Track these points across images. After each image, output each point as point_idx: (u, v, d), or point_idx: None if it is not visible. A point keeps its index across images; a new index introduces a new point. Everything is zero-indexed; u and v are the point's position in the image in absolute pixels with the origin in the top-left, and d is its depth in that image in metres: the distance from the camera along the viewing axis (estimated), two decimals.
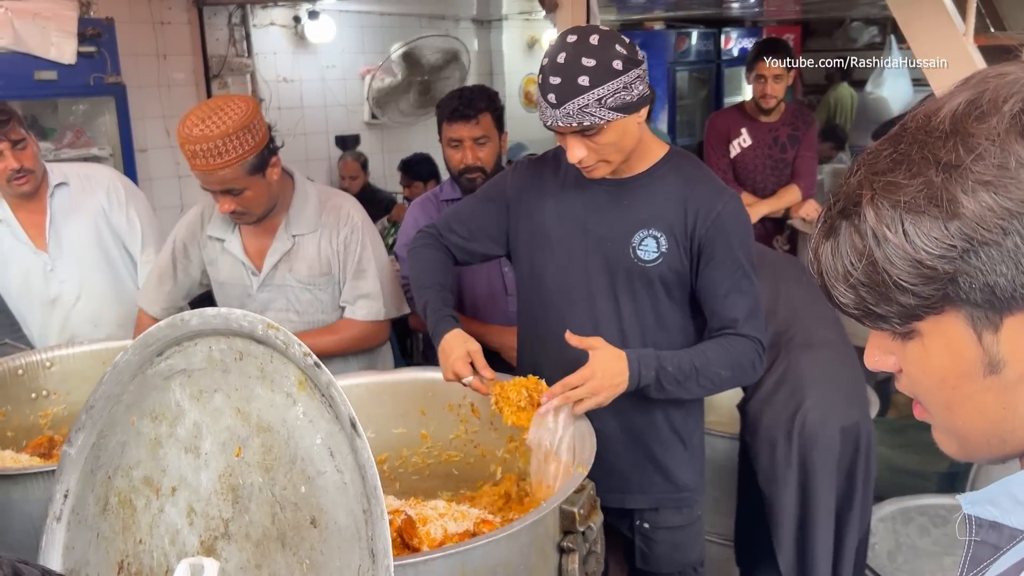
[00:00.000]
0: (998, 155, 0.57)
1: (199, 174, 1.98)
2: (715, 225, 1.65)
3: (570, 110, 1.55)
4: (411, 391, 1.88)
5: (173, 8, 4.74)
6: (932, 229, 0.59)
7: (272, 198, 2.11)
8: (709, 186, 1.70)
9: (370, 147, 6.26)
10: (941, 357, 0.64)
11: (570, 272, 1.77)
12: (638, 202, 1.70)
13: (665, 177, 1.71)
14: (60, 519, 1.29)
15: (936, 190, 0.59)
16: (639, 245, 1.69)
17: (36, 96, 3.90)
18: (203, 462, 1.20)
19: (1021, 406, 0.62)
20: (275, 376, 1.12)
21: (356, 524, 1.04)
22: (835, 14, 7.57)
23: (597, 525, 1.39)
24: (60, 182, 2.53)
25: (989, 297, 0.59)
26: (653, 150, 1.73)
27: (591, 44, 1.55)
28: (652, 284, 1.71)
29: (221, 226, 2.21)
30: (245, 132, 1.95)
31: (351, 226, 2.17)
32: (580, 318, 1.75)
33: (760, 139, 3.68)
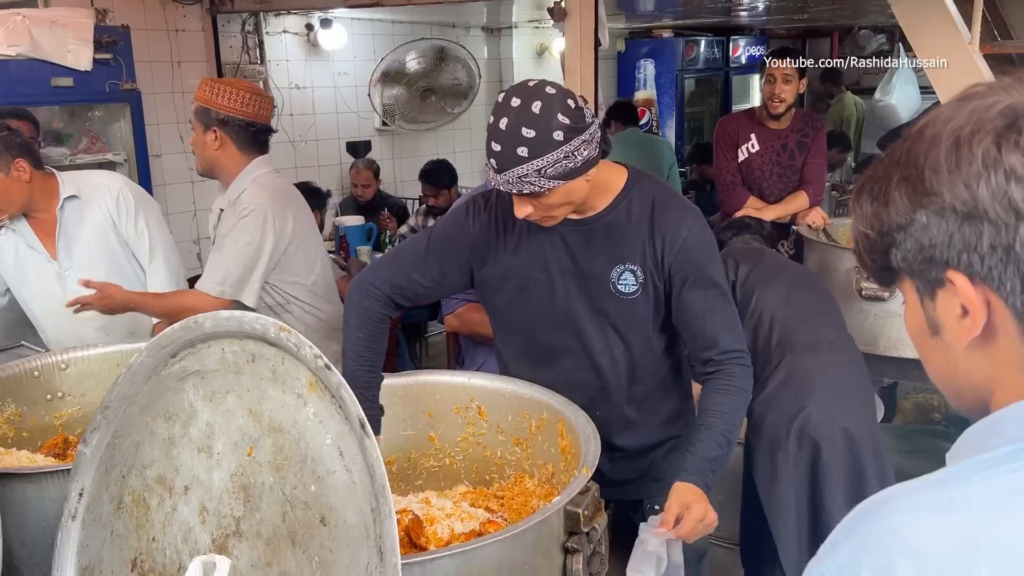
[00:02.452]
0: (919, 159, 0.71)
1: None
2: (683, 251, 1.68)
3: (510, 178, 1.55)
4: (419, 394, 1.91)
5: (188, 16, 4.80)
6: (874, 211, 0.75)
7: (207, 162, 2.47)
8: (673, 211, 1.71)
9: (381, 153, 6.30)
10: (909, 316, 0.79)
11: (553, 310, 1.77)
12: (610, 238, 1.72)
13: (631, 206, 1.72)
14: (75, 517, 1.32)
15: (883, 182, 0.74)
16: (618, 280, 1.72)
17: (53, 102, 3.96)
18: (215, 462, 1.22)
19: (960, 364, 0.74)
20: (286, 378, 1.15)
21: (364, 523, 1.07)
22: (843, 22, 7.57)
23: (601, 526, 1.41)
24: (71, 195, 2.55)
25: (912, 269, 0.73)
26: (612, 183, 1.72)
27: (532, 112, 1.52)
28: (636, 314, 1.74)
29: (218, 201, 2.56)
30: (216, 85, 2.39)
31: (236, 210, 2.41)
32: (573, 351, 1.80)
33: (768, 145, 3.66)
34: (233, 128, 2.38)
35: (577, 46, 3.43)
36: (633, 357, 1.79)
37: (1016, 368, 0.70)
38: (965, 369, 0.74)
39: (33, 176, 2.50)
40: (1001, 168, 0.66)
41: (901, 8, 2.94)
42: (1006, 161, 0.66)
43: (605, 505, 1.47)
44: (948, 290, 0.71)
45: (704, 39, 7.88)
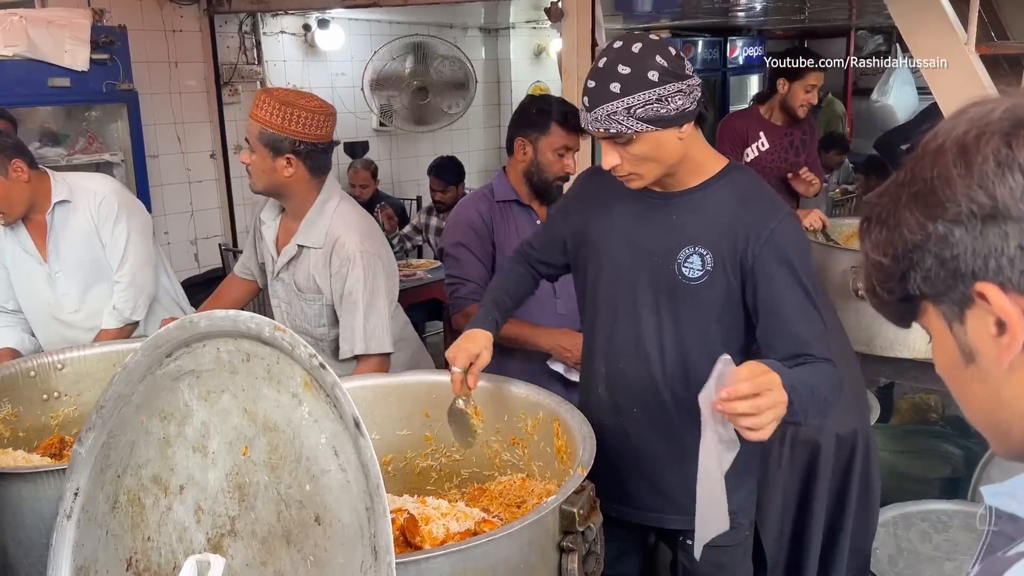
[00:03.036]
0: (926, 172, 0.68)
1: (250, 116, 2.21)
2: (768, 244, 1.57)
3: (599, 115, 1.54)
4: (416, 393, 1.91)
5: (185, 16, 4.80)
6: (885, 236, 0.71)
7: (275, 187, 2.24)
8: (763, 204, 1.62)
9: (379, 154, 6.31)
10: (938, 351, 0.72)
11: (617, 285, 1.74)
12: (686, 217, 1.65)
13: (718, 193, 1.64)
14: (70, 517, 1.32)
15: (890, 206, 0.71)
16: (684, 262, 1.63)
17: (50, 102, 3.96)
18: (211, 461, 1.22)
19: (1005, 393, 0.67)
20: (281, 377, 1.15)
21: (359, 522, 1.07)
22: (840, 23, 7.59)
23: (597, 525, 1.41)
24: (62, 199, 2.54)
25: (936, 291, 0.68)
26: (707, 164, 1.66)
27: (631, 52, 1.53)
28: (697, 303, 1.64)
29: (268, 212, 2.40)
30: (286, 108, 2.14)
31: (343, 258, 2.19)
32: (624, 332, 1.74)
33: (777, 143, 3.73)
34: (307, 153, 2.19)
35: (574, 46, 3.44)
36: (684, 351, 1.68)
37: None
38: (1010, 397, 0.67)
39: (31, 176, 2.49)
40: (1017, 164, 0.63)
41: (898, 8, 2.95)
42: (1020, 157, 0.63)
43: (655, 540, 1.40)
44: (979, 307, 0.66)
45: (701, 40, 7.88)
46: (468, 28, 6.84)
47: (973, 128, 0.66)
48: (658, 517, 1.81)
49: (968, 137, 0.65)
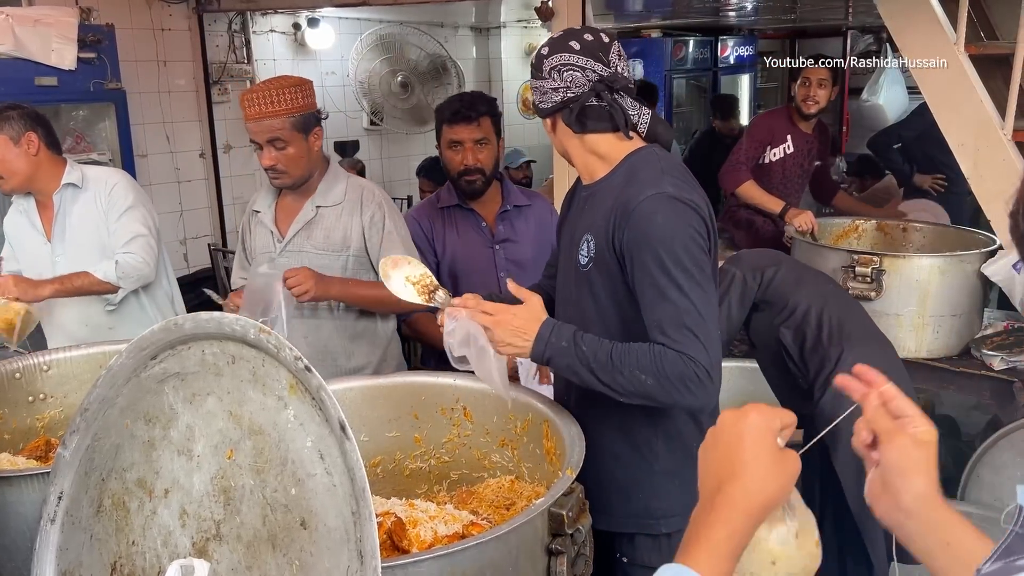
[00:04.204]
0: None
1: (251, 125, 2.19)
2: (630, 226, 1.52)
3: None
4: (405, 395, 1.90)
5: (174, 15, 4.77)
6: None
7: (311, 166, 2.29)
8: (639, 185, 1.55)
9: (369, 153, 6.29)
10: None
11: (559, 277, 1.83)
12: (588, 207, 1.69)
13: (613, 180, 1.64)
14: (54, 521, 1.31)
15: None
16: (579, 249, 1.67)
17: (37, 101, 3.89)
18: (196, 464, 1.21)
19: None
20: (267, 379, 1.14)
21: (345, 526, 1.06)
22: (831, 22, 7.60)
23: (586, 527, 1.40)
24: (71, 183, 2.59)
25: None
26: (613, 155, 1.65)
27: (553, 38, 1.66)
28: (591, 286, 1.65)
29: (263, 201, 2.41)
30: (296, 89, 2.20)
31: (375, 203, 2.32)
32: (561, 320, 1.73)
33: (799, 148, 3.81)
34: (320, 120, 2.32)
35: None
36: (602, 335, 1.63)
37: None
38: None
39: (41, 152, 2.54)
40: None
41: (888, 9, 2.95)
42: None
43: None
44: None
45: (692, 39, 7.89)
46: (459, 27, 6.83)
47: None
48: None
49: None
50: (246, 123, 2.21)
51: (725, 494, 0.85)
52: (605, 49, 1.63)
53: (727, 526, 0.83)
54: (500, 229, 2.59)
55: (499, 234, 2.59)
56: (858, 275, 2.95)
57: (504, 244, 2.58)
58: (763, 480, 0.86)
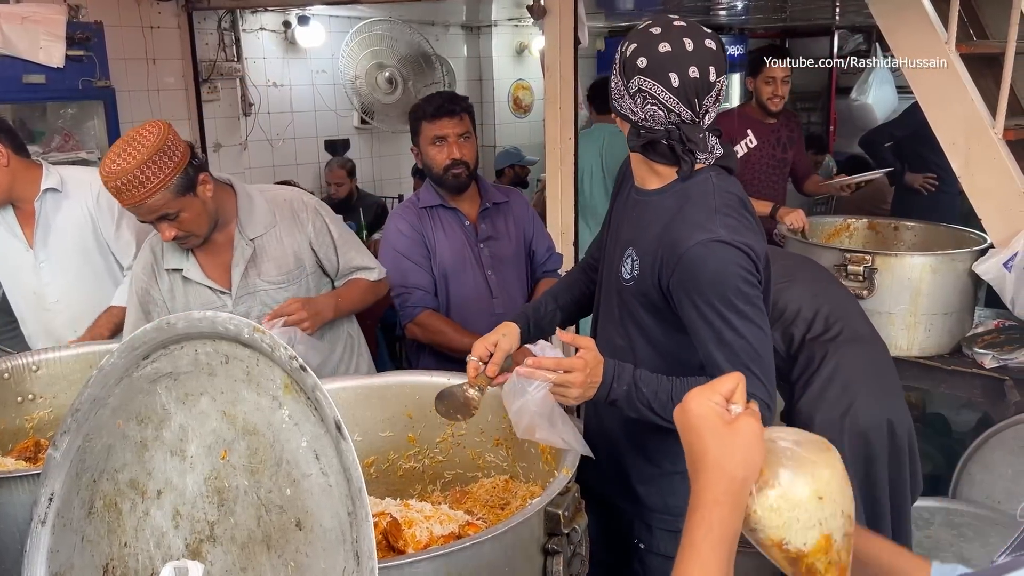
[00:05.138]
0: None
1: (131, 209, 2.00)
2: (679, 270, 1.51)
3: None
4: (398, 395, 1.89)
5: (163, 13, 4.74)
6: None
7: (211, 215, 2.09)
8: (690, 226, 1.52)
9: (360, 152, 6.27)
10: None
11: (601, 275, 1.79)
12: (634, 219, 1.65)
13: (665, 200, 1.60)
14: (45, 522, 1.29)
15: None
16: (622, 262, 1.64)
17: (24, 100, 3.89)
18: (189, 465, 1.20)
19: None
20: (261, 379, 1.13)
21: (341, 526, 1.05)
22: (822, 22, 7.63)
23: (582, 527, 1.40)
24: (51, 187, 2.52)
25: None
26: (668, 176, 1.61)
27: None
28: (629, 303, 1.65)
29: (175, 256, 2.17)
30: (161, 156, 1.95)
31: (311, 213, 2.21)
32: (599, 322, 1.78)
33: (765, 140, 3.84)
34: (201, 164, 2.11)
35: (557, 44, 3.42)
36: (633, 346, 1.66)
37: None
38: None
39: (12, 161, 2.47)
40: None
41: (879, 8, 2.96)
42: None
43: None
44: None
45: None
46: (450, 25, 6.82)
47: None
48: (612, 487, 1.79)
49: None
50: (123, 207, 2.03)
51: (695, 494, 0.87)
52: (704, 91, 1.51)
53: (702, 525, 0.85)
54: (483, 227, 2.59)
55: (482, 232, 2.59)
56: (850, 274, 2.96)
57: (488, 242, 2.58)
58: (720, 465, 0.87)
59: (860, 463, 2.09)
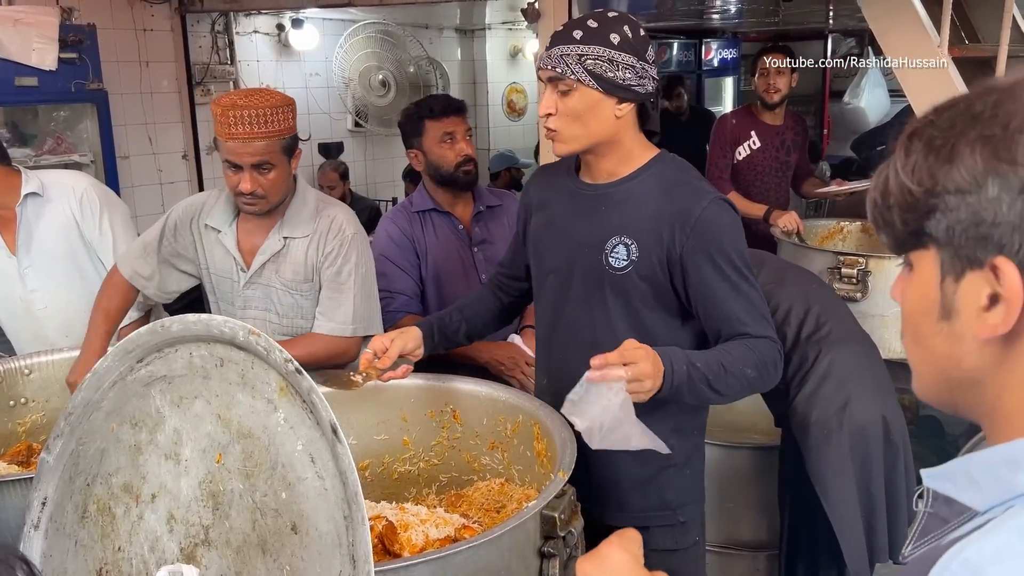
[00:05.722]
0: (1012, 120, 0.61)
1: (235, 144, 1.99)
2: (694, 233, 1.57)
3: (552, 54, 1.59)
4: (393, 398, 1.88)
5: (156, 15, 4.73)
6: (929, 166, 0.64)
7: (287, 189, 2.13)
8: (688, 192, 1.62)
9: (354, 155, 6.26)
10: (916, 291, 0.69)
11: (555, 278, 1.75)
12: (614, 208, 1.67)
13: (645, 183, 1.65)
14: (38, 527, 1.28)
15: (949, 135, 0.64)
16: (611, 252, 1.65)
17: (17, 102, 3.88)
18: (183, 468, 1.20)
19: (965, 359, 0.66)
20: (256, 382, 1.13)
21: (337, 530, 1.04)
22: (814, 25, 7.66)
23: (578, 530, 1.40)
24: (32, 191, 2.49)
25: (952, 242, 0.64)
26: (637, 156, 1.68)
27: (606, 14, 1.60)
28: (625, 292, 1.66)
29: (221, 217, 2.20)
30: (287, 110, 2.04)
31: (340, 239, 2.15)
32: (563, 324, 1.74)
33: (769, 141, 3.80)
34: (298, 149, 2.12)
35: None
36: (618, 340, 1.59)
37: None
38: (971, 367, 0.66)
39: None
40: None
41: (872, 12, 2.97)
42: None
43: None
44: (981, 276, 0.62)
45: (677, 42, 7.92)
46: (444, 29, 6.82)
47: None
48: (597, 511, 1.73)
49: None
50: (225, 141, 2.00)
51: None
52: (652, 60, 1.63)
53: None
54: (476, 231, 2.58)
55: (476, 236, 2.58)
56: (844, 276, 2.97)
57: (482, 245, 2.58)
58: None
59: (858, 459, 2.10)
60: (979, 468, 0.64)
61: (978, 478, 0.64)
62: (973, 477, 0.65)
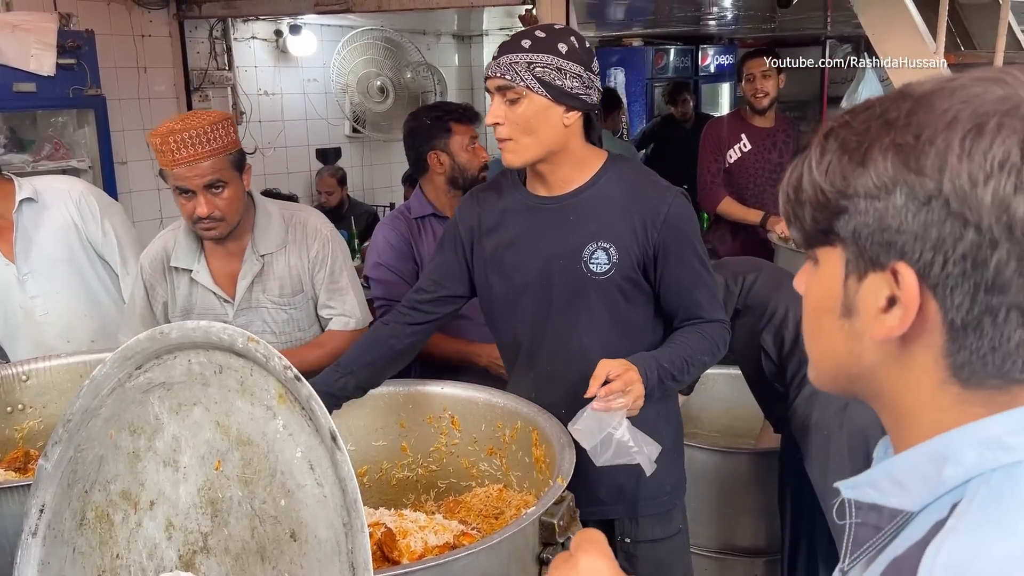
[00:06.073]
0: (924, 131, 0.61)
1: (182, 169, 1.94)
2: (665, 227, 1.67)
3: (501, 62, 1.62)
4: (390, 403, 1.88)
5: (154, 21, 4.74)
6: (842, 168, 0.65)
7: (243, 209, 2.08)
8: (652, 190, 1.70)
9: (351, 160, 6.27)
10: (819, 286, 0.71)
11: (532, 294, 1.75)
12: (583, 216, 1.70)
13: (607, 186, 1.71)
14: (35, 534, 1.28)
15: (864, 139, 0.64)
16: (590, 259, 1.68)
17: (15, 108, 3.88)
18: (182, 476, 1.19)
19: (864, 356, 0.68)
20: (255, 389, 1.13)
21: (336, 537, 1.04)
22: (811, 31, 7.69)
23: None
24: (26, 197, 2.48)
25: (857, 243, 0.65)
26: (590, 161, 1.73)
27: (552, 27, 1.66)
28: (608, 295, 1.70)
29: (187, 256, 2.15)
30: (227, 124, 2.01)
31: (321, 240, 2.15)
32: (547, 336, 1.75)
33: (759, 144, 3.81)
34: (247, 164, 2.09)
35: None
36: (604, 343, 1.70)
37: (933, 382, 0.65)
38: (869, 363, 0.68)
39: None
40: (1015, 177, 0.58)
41: (868, 18, 2.99)
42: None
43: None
44: (882, 278, 0.64)
45: (674, 48, 7.94)
46: (441, 35, 6.83)
47: (999, 113, 0.59)
48: (601, 510, 1.80)
49: (991, 121, 0.59)
50: (171, 169, 1.95)
51: None
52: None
53: None
54: None
55: None
56: None
57: None
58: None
59: (860, 459, 2.10)
60: (902, 470, 0.66)
61: (902, 480, 0.66)
62: (897, 480, 0.66)
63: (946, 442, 0.64)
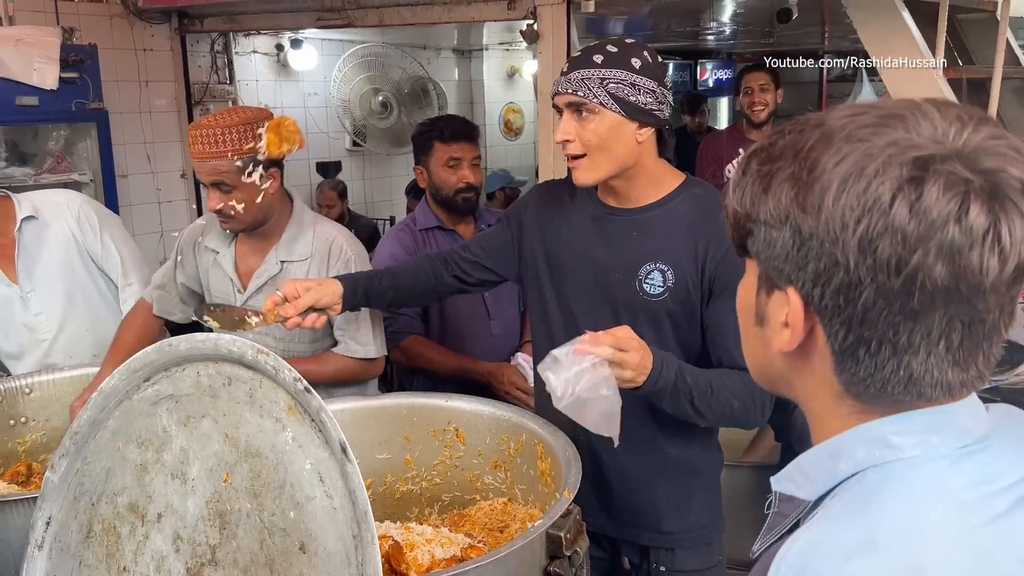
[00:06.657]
0: (816, 167, 0.64)
1: (196, 163, 2.00)
2: (725, 259, 1.58)
3: (572, 78, 1.57)
4: (395, 416, 1.88)
5: (156, 35, 4.75)
6: (752, 192, 0.70)
7: (263, 210, 2.08)
8: (721, 219, 1.63)
9: (352, 174, 6.28)
10: (743, 293, 0.78)
11: (577, 301, 1.72)
12: (647, 233, 1.65)
13: (677, 208, 1.65)
14: (42, 547, 1.28)
15: (774, 166, 0.68)
16: (645, 278, 1.63)
17: (17, 121, 3.89)
18: (190, 488, 1.19)
19: (774, 362, 0.75)
20: (264, 401, 1.13)
21: (346, 549, 1.04)
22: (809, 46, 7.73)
23: (583, 550, 1.39)
24: (28, 215, 2.46)
25: (760, 263, 0.71)
26: (666, 179, 1.68)
27: (624, 41, 1.60)
28: (657, 319, 1.64)
29: (218, 239, 2.20)
30: (245, 129, 1.98)
31: (344, 260, 2.13)
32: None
33: None
34: (279, 161, 2.08)
35: (550, 68, 3.45)
36: None
37: (831, 393, 0.71)
38: (779, 368, 0.75)
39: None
40: (882, 219, 0.61)
41: (867, 34, 3.01)
42: (891, 215, 0.60)
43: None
44: (783, 297, 0.69)
45: (672, 62, 7.98)
46: (441, 49, 6.86)
47: (882, 157, 0.62)
48: (633, 532, 1.79)
49: (870, 165, 0.62)
50: (192, 159, 2.01)
51: None
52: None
53: None
54: None
55: None
56: None
57: None
58: None
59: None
60: (810, 463, 0.73)
61: (809, 472, 0.72)
62: (806, 472, 0.72)
63: (841, 439, 0.70)
